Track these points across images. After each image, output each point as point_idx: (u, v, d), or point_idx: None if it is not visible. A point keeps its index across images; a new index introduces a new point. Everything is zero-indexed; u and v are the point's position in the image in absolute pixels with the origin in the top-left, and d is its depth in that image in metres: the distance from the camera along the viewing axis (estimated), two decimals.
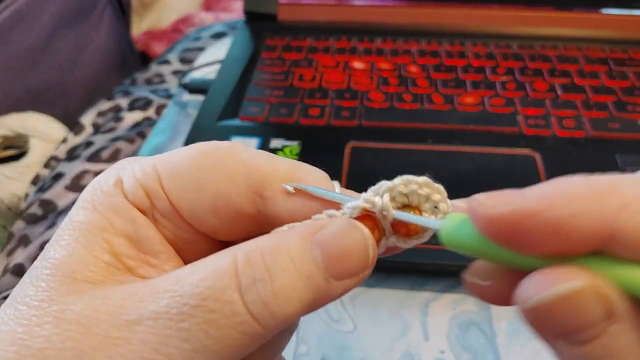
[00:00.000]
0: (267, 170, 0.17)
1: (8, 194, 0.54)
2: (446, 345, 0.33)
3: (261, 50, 0.54)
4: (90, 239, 0.16)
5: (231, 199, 0.16)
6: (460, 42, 0.54)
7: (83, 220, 0.16)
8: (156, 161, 0.17)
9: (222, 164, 0.16)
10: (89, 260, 0.15)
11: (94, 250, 0.16)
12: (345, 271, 0.15)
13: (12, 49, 0.63)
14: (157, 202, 0.17)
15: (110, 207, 0.16)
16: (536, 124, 0.44)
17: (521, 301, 0.13)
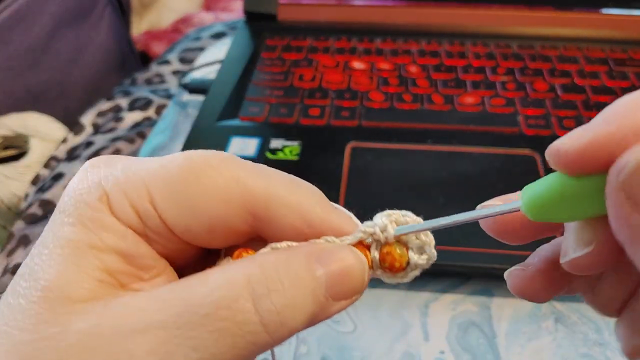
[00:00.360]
0: (261, 190, 0.16)
1: (8, 194, 0.54)
2: (446, 345, 0.33)
3: (261, 50, 0.54)
4: (82, 258, 0.15)
5: (226, 220, 0.16)
6: (460, 42, 0.54)
7: (72, 237, 0.15)
8: (144, 175, 0.16)
9: (216, 184, 0.16)
10: (82, 279, 0.15)
11: (86, 269, 0.15)
12: (343, 293, 0.16)
13: (12, 49, 0.63)
14: (148, 221, 0.16)
15: (100, 224, 0.16)
16: (536, 124, 0.44)
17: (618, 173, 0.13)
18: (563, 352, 0.32)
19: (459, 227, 0.37)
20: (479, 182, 0.39)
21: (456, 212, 0.36)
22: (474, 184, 0.39)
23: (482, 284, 0.36)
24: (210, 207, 0.16)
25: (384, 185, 0.39)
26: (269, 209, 0.16)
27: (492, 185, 0.38)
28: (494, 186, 0.38)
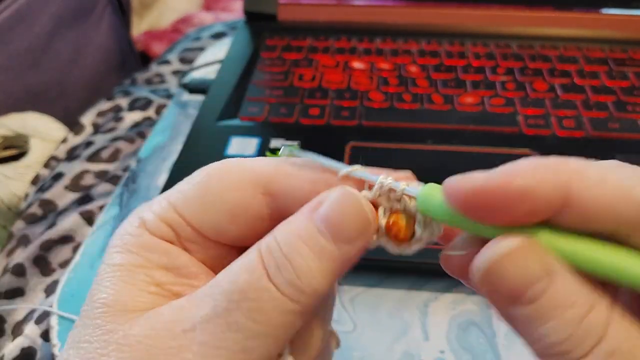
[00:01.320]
0: (269, 171, 0.18)
1: (8, 194, 0.54)
2: (446, 345, 0.33)
3: (261, 50, 0.54)
4: (133, 277, 0.17)
5: (245, 206, 0.18)
6: (460, 42, 0.54)
7: (120, 262, 0.17)
8: (168, 195, 0.19)
9: (228, 177, 0.18)
10: (136, 294, 0.17)
11: (138, 285, 0.17)
12: (351, 233, 0.17)
13: (12, 49, 0.63)
14: (180, 230, 0.18)
15: (142, 246, 0.18)
16: (536, 124, 0.44)
17: (476, 271, 0.15)
18: None
19: None
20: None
21: None
22: None
23: None
24: (226, 198, 0.18)
25: None
26: (281, 182, 0.18)
27: None
28: None
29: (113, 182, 0.48)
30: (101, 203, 0.45)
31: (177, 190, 0.19)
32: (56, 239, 0.43)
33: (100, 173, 0.49)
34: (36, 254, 0.42)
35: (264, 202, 0.18)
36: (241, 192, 0.18)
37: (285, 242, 0.16)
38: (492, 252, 0.15)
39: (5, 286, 0.40)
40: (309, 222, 0.16)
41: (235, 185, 0.18)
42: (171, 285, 0.17)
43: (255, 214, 0.18)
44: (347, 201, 0.17)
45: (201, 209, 0.18)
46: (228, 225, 0.18)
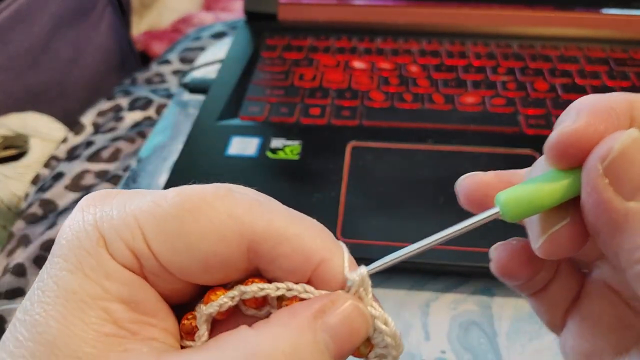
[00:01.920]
0: (261, 227, 0.16)
1: (8, 194, 0.54)
2: (447, 345, 0.33)
3: (261, 49, 0.54)
4: (87, 311, 0.15)
5: (224, 258, 0.16)
6: (461, 42, 0.54)
7: (74, 288, 0.15)
8: (137, 213, 0.16)
9: (211, 221, 0.16)
10: (91, 337, 0.14)
11: (93, 324, 0.15)
12: (348, 352, 0.16)
13: (12, 49, 0.63)
14: (145, 262, 0.16)
15: (102, 272, 0.15)
16: (537, 124, 0.44)
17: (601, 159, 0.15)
18: None
19: None
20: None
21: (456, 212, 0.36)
22: None
23: (483, 284, 0.36)
24: (205, 246, 0.16)
25: (384, 184, 0.39)
26: (268, 244, 0.16)
27: None
28: None
29: (113, 182, 0.48)
30: None
31: (150, 213, 0.16)
32: None
33: (100, 173, 0.49)
34: (37, 254, 0.42)
35: (244, 257, 0.16)
36: (225, 245, 0.16)
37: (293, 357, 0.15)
38: (624, 137, 0.14)
39: (6, 286, 0.40)
40: (312, 334, 0.15)
41: (221, 235, 0.16)
42: (129, 322, 0.15)
43: (233, 266, 0.16)
44: (358, 320, 0.16)
45: (175, 250, 0.16)
46: (200, 271, 0.16)
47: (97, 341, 0.14)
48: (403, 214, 0.37)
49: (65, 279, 0.15)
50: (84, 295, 0.15)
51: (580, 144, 0.15)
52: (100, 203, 0.16)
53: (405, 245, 0.18)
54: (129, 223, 0.16)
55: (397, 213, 0.37)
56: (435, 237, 0.17)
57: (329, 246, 0.16)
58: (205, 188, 0.16)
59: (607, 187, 0.15)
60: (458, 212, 0.36)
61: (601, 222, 0.15)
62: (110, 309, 0.15)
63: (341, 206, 0.37)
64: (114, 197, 0.17)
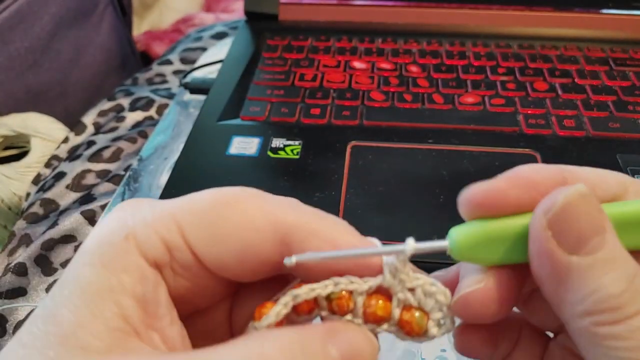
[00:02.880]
0: (291, 220, 0.16)
1: (9, 194, 0.54)
2: (447, 343, 0.33)
3: (262, 50, 0.54)
4: (100, 304, 0.15)
5: (258, 250, 0.16)
6: (461, 42, 0.54)
7: (91, 279, 0.15)
8: (174, 210, 0.16)
9: (247, 215, 0.16)
10: (99, 330, 0.15)
11: (104, 317, 0.15)
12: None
13: (12, 49, 0.63)
14: (177, 254, 0.16)
15: (121, 264, 0.15)
16: (537, 124, 0.44)
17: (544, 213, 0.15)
18: None
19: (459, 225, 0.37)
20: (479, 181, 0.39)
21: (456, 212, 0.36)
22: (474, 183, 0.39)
23: None
24: (241, 237, 0.16)
25: (384, 184, 0.39)
26: (300, 237, 0.16)
27: None
28: None
29: (115, 182, 0.48)
30: (103, 202, 0.45)
31: (183, 207, 0.16)
32: (58, 238, 0.43)
33: (101, 172, 0.50)
34: (38, 253, 0.42)
35: (279, 250, 0.16)
36: (259, 235, 0.16)
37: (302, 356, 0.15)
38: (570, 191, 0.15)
39: (7, 286, 0.40)
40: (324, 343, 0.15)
41: (254, 226, 0.16)
42: (136, 321, 0.15)
43: (266, 259, 0.16)
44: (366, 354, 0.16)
45: (210, 239, 0.16)
46: (233, 263, 0.16)
47: (104, 335, 0.14)
48: (403, 214, 0.37)
49: (85, 271, 0.15)
50: (99, 286, 0.15)
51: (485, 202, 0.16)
52: (132, 207, 0.17)
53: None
54: (164, 217, 0.16)
55: (397, 212, 0.37)
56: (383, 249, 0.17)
57: (357, 237, 0.17)
58: (234, 188, 0.17)
59: (550, 240, 0.15)
60: (458, 212, 0.36)
61: (545, 273, 0.15)
62: (122, 304, 0.15)
63: (341, 205, 0.37)
64: (146, 202, 0.17)
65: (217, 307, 0.19)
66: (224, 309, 0.19)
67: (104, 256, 0.15)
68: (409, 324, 0.17)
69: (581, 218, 0.15)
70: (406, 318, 0.17)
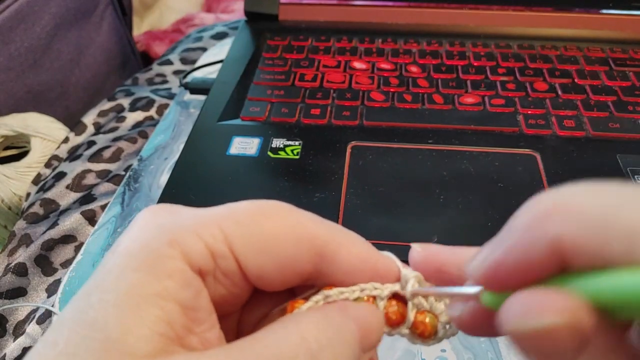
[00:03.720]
0: (324, 234, 0.18)
1: (8, 194, 0.54)
2: (447, 344, 0.33)
3: (262, 50, 0.54)
4: (146, 308, 0.15)
5: (297, 261, 0.17)
6: (461, 42, 0.54)
7: (135, 284, 0.15)
8: (217, 218, 0.17)
9: (286, 225, 0.17)
10: (143, 334, 0.15)
11: (149, 322, 0.15)
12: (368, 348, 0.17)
13: (12, 49, 0.63)
14: (221, 262, 0.16)
15: (165, 270, 0.15)
16: (537, 124, 0.44)
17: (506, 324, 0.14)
18: None
19: (460, 225, 0.37)
20: (479, 181, 0.39)
21: (456, 212, 0.37)
22: (474, 183, 0.39)
23: None
24: (283, 247, 0.17)
25: (384, 184, 0.39)
26: (332, 248, 0.17)
27: (493, 184, 0.39)
28: (495, 185, 0.39)
29: (115, 182, 0.48)
30: (103, 202, 0.45)
31: (228, 216, 0.17)
32: (58, 238, 0.43)
33: (102, 173, 0.50)
34: (38, 253, 0.42)
35: (312, 261, 0.17)
36: (299, 248, 0.17)
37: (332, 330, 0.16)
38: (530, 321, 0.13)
39: (7, 286, 0.40)
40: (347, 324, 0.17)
41: (295, 239, 0.17)
42: (179, 326, 0.15)
43: (301, 270, 0.17)
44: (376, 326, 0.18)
45: (256, 250, 0.17)
46: (273, 272, 0.17)
47: (150, 339, 0.15)
48: (403, 214, 0.37)
49: (129, 275, 0.15)
50: (145, 291, 0.15)
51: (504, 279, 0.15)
52: (169, 213, 0.17)
53: (406, 245, 0.19)
54: (209, 224, 0.16)
55: (397, 212, 0.37)
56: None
57: (377, 252, 0.18)
58: (270, 201, 0.18)
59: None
60: (458, 212, 0.37)
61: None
62: (167, 309, 0.15)
63: (341, 206, 0.37)
64: (182, 208, 0.18)
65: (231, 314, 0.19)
66: (235, 316, 0.19)
67: (147, 260, 0.15)
68: (423, 324, 0.19)
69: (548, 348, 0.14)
70: (420, 319, 0.19)
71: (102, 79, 0.76)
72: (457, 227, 0.36)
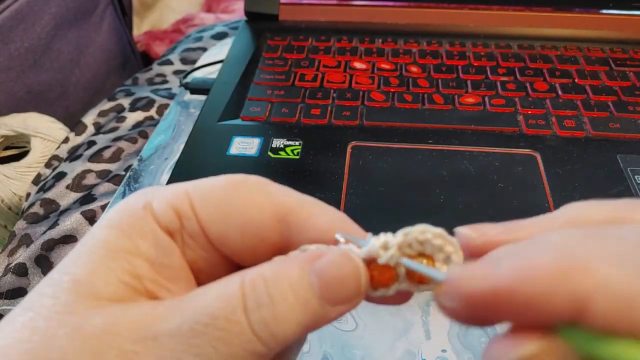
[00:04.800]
0: (292, 202, 0.18)
1: (8, 194, 0.54)
2: (448, 344, 0.33)
3: (262, 50, 0.54)
4: (113, 259, 0.16)
5: (258, 226, 0.18)
6: (461, 42, 0.54)
7: (108, 239, 0.16)
8: (187, 186, 0.18)
9: (252, 194, 0.18)
10: (110, 280, 0.16)
11: (116, 271, 0.16)
12: (339, 298, 0.16)
13: (12, 49, 0.63)
14: (186, 223, 0.17)
15: (138, 230, 0.17)
16: (537, 124, 0.44)
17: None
18: None
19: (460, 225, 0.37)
20: (479, 181, 0.39)
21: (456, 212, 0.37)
22: (474, 183, 0.39)
23: None
24: (244, 212, 0.17)
25: (385, 184, 0.39)
26: (300, 217, 0.18)
27: (493, 184, 0.39)
28: (495, 185, 0.39)
29: (115, 182, 0.48)
30: (103, 203, 0.45)
31: (196, 185, 0.18)
32: (58, 238, 0.43)
33: (102, 173, 0.50)
34: (38, 253, 0.42)
35: (277, 228, 0.18)
36: (260, 212, 0.17)
37: (274, 283, 0.16)
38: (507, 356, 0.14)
39: (7, 286, 0.40)
40: (302, 271, 0.16)
41: (257, 204, 0.18)
42: (148, 281, 0.16)
43: (265, 236, 0.18)
44: (345, 266, 0.16)
45: (216, 212, 0.17)
46: (235, 237, 0.18)
47: (116, 286, 0.16)
48: (403, 214, 0.37)
49: (103, 232, 0.17)
50: (114, 245, 0.16)
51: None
52: (153, 187, 0.19)
53: None
54: (178, 191, 0.18)
55: (397, 212, 0.37)
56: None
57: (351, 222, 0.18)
58: (248, 175, 0.18)
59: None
60: (458, 212, 0.37)
61: None
62: (135, 264, 0.16)
63: (341, 206, 0.37)
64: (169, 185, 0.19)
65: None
66: None
67: (122, 221, 0.17)
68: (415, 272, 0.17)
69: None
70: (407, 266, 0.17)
71: (102, 79, 0.76)
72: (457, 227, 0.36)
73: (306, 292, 0.16)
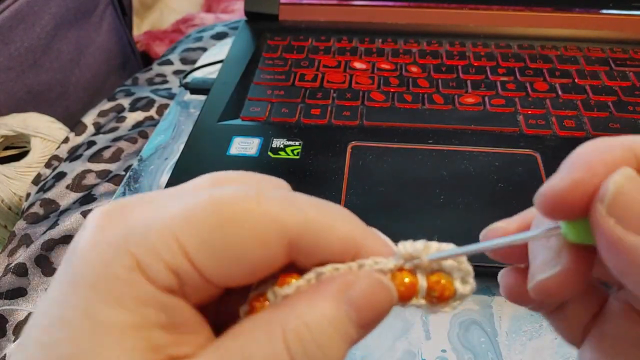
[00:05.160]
0: (297, 223, 0.16)
1: (8, 194, 0.54)
2: (447, 344, 0.33)
3: (262, 50, 0.54)
4: (129, 343, 0.14)
5: (268, 260, 0.16)
6: (461, 42, 0.54)
7: (114, 320, 0.14)
8: (171, 226, 0.15)
9: (252, 227, 0.15)
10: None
11: (135, 354, 0.14)
12: (375, 322, 0.16)
13: (12, 49, 0.63)
14: (187, 278, 0.15)
15: (139, 300, 0.15)
16: (537, 124, 0.44)
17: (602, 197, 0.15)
18: (564, 350, 0.32)
19: (460, 225, 0.37)
20: (479, 182, 0.39)
21: (456, 212, 0.37)
22: (474, 183, 0.39)
23: (483, 283, 0.36)
24: (250, 253, 0.15)
25: (385, 184, 0.39)
26: (307, 239, 0.16)
27: (493, 184, 0.39)
28: (495, 185, 0.39)
29: (115, 182, 0.48)
30: (103, 203, 0.45)
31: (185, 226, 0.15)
32: (58, 238, 0.43)
33: (102, 173, 0.50)
34: (38, 253, 0.42)
35: (286, 252, 0.16)
36: (268, 248, 0.16)
37: (317, 328, 0.15)
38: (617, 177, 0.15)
39: (7, 286, 0.40)
40: (338, 305, 0.15)
41: (263, 241, 0.15)
42: (169, 347, 0.15)
43: (274, 264, 0.16)
44: (378, 293, 0.16)
45: (220, 261, 0.15)
46: (245, 278, 0.16)
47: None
48: (403, 214, 0.37)
49: (102, 312, 0.14)
50: (124, 326, 0.14)
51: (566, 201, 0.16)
52: (120, 219, 0.15)
53: None
54: (167, 240, 0.15)
55: (397, 213, 0.37)
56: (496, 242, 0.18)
57: (363, 232, 0.17)
58: (235, 193, 0.16)
59: (615, 226, 0.15)
60: (458, 212, 0.37)
61: (617, 262, 0.15)
62: (150, 337, 0.15)
63: (341, 205, 0.37)
64: (133, 210, 0.16)
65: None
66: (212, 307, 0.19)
67: (115, 292, 0.14)
68: (439, 284, 0.17)
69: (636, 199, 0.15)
70: (434, 279, 0.17)
71: (102, 79, 0.76)
72: (457, 227, 0.36)
73: (346, 326, 0.15)
